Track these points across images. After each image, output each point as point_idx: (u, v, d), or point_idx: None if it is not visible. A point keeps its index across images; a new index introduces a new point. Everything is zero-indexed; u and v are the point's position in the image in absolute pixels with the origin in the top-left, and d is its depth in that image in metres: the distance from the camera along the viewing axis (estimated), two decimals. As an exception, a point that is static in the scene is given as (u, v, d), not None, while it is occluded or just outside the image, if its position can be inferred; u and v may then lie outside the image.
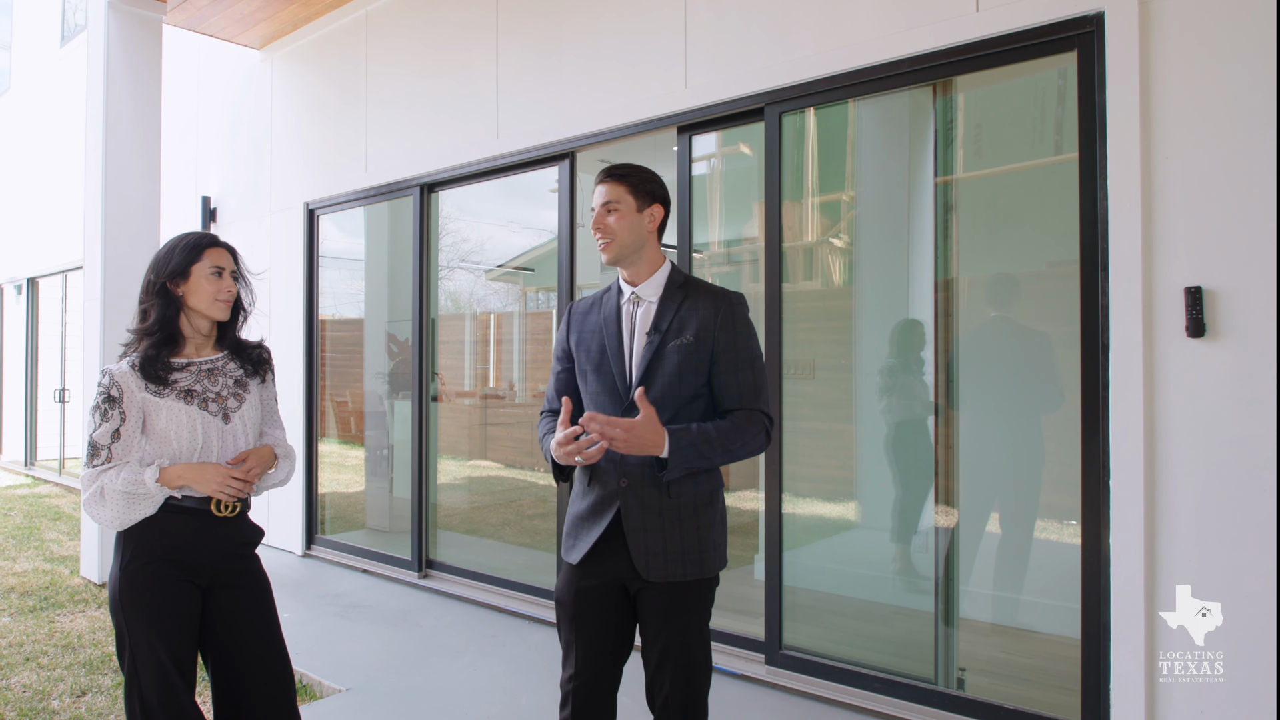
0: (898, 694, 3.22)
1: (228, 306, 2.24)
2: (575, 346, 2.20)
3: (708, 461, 1.98)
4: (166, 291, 2.18)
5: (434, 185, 5.18)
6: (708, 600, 2.10)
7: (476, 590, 4.82)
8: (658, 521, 2.02)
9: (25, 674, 3.74)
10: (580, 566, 2.10)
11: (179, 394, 2.14)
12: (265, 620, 2.25)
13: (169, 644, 2.09)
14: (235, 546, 2.23)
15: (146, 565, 2.10)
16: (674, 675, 2.02)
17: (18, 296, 10.75)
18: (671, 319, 2.06)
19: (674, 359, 2.03)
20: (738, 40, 3.67)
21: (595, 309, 2.20)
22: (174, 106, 7.11)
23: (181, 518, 2.14)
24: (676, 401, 2.03)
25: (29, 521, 7.35)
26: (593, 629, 2.08)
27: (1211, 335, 2.52)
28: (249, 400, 2.26)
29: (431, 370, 5.29)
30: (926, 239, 3.43)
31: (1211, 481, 2.53)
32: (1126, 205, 2.66)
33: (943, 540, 3.26)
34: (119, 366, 2.14)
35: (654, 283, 2.12)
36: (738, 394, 2.05)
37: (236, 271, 2.27)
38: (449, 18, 5.01)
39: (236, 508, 2.21)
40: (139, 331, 2.19)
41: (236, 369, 2.27)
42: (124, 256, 5.28)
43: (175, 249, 2.20)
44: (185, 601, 2.13)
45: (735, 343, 2.05)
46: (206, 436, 2.15)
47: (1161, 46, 2.62)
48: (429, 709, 3.34)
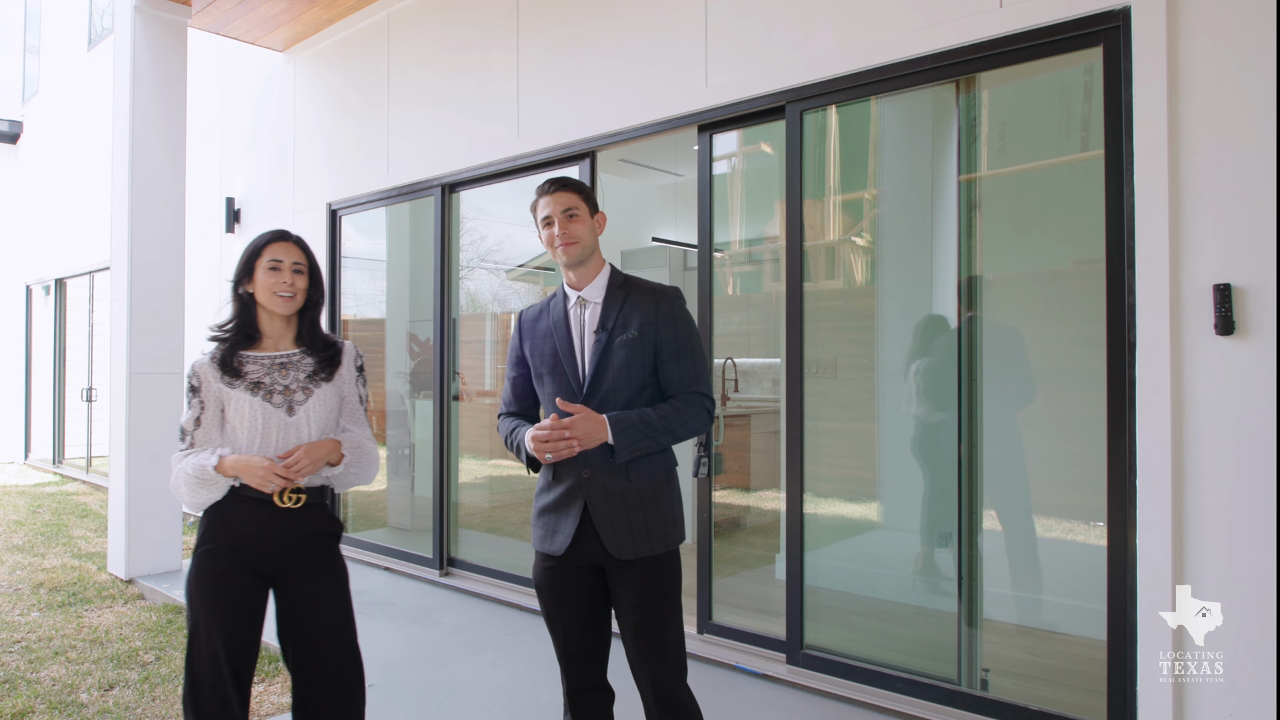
0: (920, 694, 3.20)
1: (288, 301, 2.29)
2: (530, 352, 2.34)
3: (654, 442, 2.16)
4: (240, 292, 2.31)
5: (455, 185, 5.21)
6: (675, 574, 2.25)
7: (497, 588, 4.84)
8: (621, 505, 2.17)
9: (54, 668, 3.80)
10: (561, 554, 2.23)
11: (248, 385, 2.24)
12: (336, 613, 2.29)
13: (222, 630, 2.16)
14: (305, 538, 2.27)
15: (211, 551, 2.20)
16: (651, 655, 2.17)
17: (46, 297, 10.91)
18: (616, 317, 2.23)
19: (621, 354, 2.20)
20: (758, 38, 3.66)
21: (544, 315, 2.35)
22: (199, 109, 7.18)
23: (247, 507, 2.22)
24: (627, 392, 2.20)
25: (57, 519, 7.46)
26: (575, 604, 2.24)
27: (1241, 333, 2.49)
28: (319, 395, 2.30)
29: (452, 370, 5.32)
30: (950, 238, 3.40)
31: (1241, 481, 2.49)
32: (1154, 201, 2.63)
33: (965, 540, 3.24)
34: (201, 358, 2.29)
35: (597, 285, 2.29)
36: (679, 379, 2.23)
37: (300, 264, 2.32)
38: (470, 18, 5.04)
39: (299, 500, 2.25)
40: (219, 328, 2.31)
41: (310, 364, 2.33)
42: (150, 257, 5.35)
43: (245, 250, 2.32)
44: (244, 591, 2.20)
45: (676, 334, 2.23)
46: (266, 428, 2.22)
47: (1189, 40, 2.59)
48: (451, 705, 3.36)
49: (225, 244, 7.08)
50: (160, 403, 5.37)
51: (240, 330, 2.29)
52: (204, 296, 7.21)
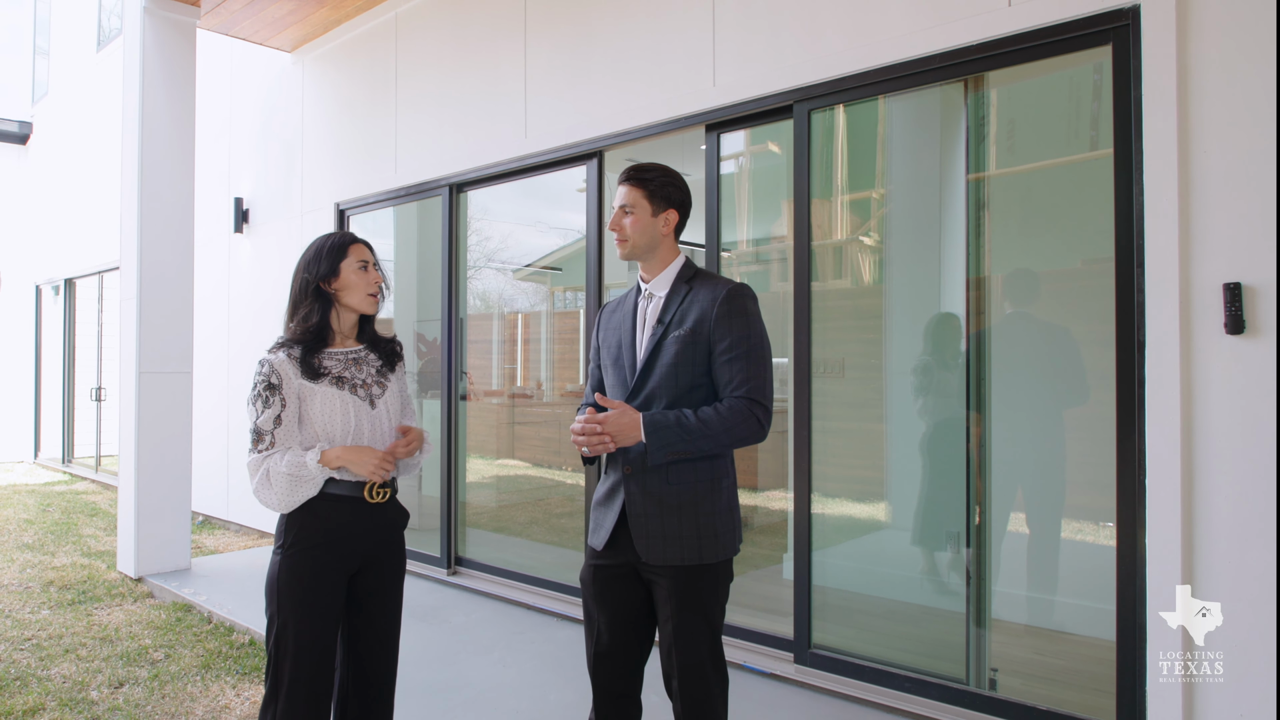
0: (928, 694, 3.19)
1: (377, 300, 2.36)
2: (601, 343, 2.32)
3: (691, 446, 2.04)
4: (320, 291, 2.30)
5: (463, 185, 5.22)
6: (714, 594, 2.13)
7: (505, 587, 4.85)
8: (657, 508, 2.09)
9: (65, 665, 3.82)
10: (600, 549, 2.20)
11: (331, 380, 2.26)
12: (392, 602, 2.39)
13: (313, 630, 2.19)
14: (386, 532, 2.36)
15: (305, 551, 2.21)
16: (681, 670, 2.08)
17: (55, 297, 10.97)
18: (674, 312, 2.15)
19: (672, 350, 2.11)
20: (766, 38, 3.66)
21: (620, 307, 2.31)
22: (207, 109, 7.22)
23: (337, 505, 2.25)
24: (672, 392, 2.11)
25: (67, 517, 7.49)
26: (612, 605, 2.18)
27: (1251, 332, 2.48)
28: (390, 388, 2.38)
29: (460, 369, 5.33)
30: (958, 237, 3.40)
31: (1252, 481, 2.48)
32: (1164, 200, 2.62)
33: (974, 540, 3.23)
34: (277, 355, 2.24)
35: (664, 278, 2.22)
36: (729, 384, 2.09)
37: (377, 263, 2.38)
38: (477, 19, 5.05)
39: (387, 494, 2.32)
40: (301, 330, 2.28)
41: (376, 360, 2.39)
42: (159, 257, 5.37)
43: (322, 250, 2.32)
44: (331, 591, 2.24)
45: (730, 333, 2.09)
46: (359, 420, 2.27)
47: (1199, 38, 2.58)
48: (459, 704, 3.37)
49: (233, 244, 7.11)
50: (169, 402, 5.39)
51: (321, 329, 2.30)
52: (212, 296, 7.24)
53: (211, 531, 6.94)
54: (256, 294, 6.81)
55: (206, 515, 7.33)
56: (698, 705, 2.09)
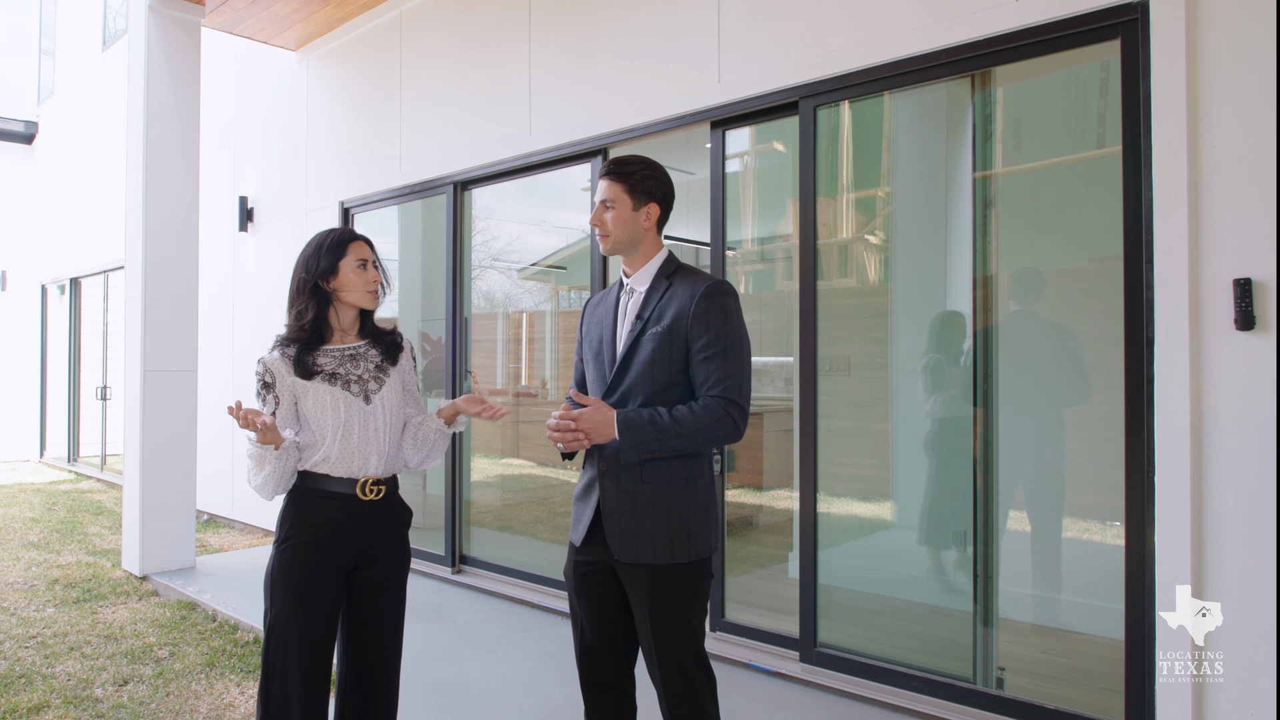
0: (935, 693, 3.18)
1: (376, 296, 2.38)
2: (584, 338, 2.32)
3: (664, 445, 2.02)
4: (318, 289, 2.32)
5: (467, 183, 5.21)
6: (691, 593, 2.10)
7: (509, 585, 4.84)
8: (631, 505, 2.08)
9: (70, 663, 3.82)
10: (579, 545, 2.20)
11: (324, 377, 2.29)
12: (394, 601, 2.40)
13: (304, 623, 2.22)
14: (385, 528, 2.37)
15: (298, 546, 2.25)
16: (663, 671, 2.08)
17: (60, 296, 10.99)
18: (654, 308, 2.13)
19: (649, 347, 2.09)
20: (771, 34, 3.65)
21: (603, 301, 2.31)
22: (212, 108, 7.22)
23: (330, 502, 2.28)
24: (649, 389, 2.09)
25: (72, 516, 7.50)
26: (593, 601, 2.19)
27: (1262, 328, 2.46)
28: (389, 384, 2.38)
29: (465, 368, 5.32)
30: (964, 235, 3.38)
31: (1263, 478, 2.46)
32: (1173, 196, 2.60)
33: (980, 539, 3.22)
34: (271, 354, 2.30)
35: (645, 272, 2.20)
36: (704, 382, 2.06)
37: (376, 262, 2.39)
38: (482, 16, 5.04)
39: (381, 491, 2.34)
40: (296, 329, 2.31)
41: (376, 354, 2.40)
42: (164, 255, 5.38)
43: (321, 248, 2.33)
44: (324, 586, 2.26)
45: (707, 331, 2.06)
46: (349, 415, 2.29)
47: (1208, 32, 2.56)
48: (463, 702, 3.36)
49: (238, 242, 7.11)
50: (174, 400, 5.40)
51: (317, 327, 2.32)
52: (217, 294, 7.25)
53: (216, 530, 6.94)
54: (261, 292, 6.81)
55: (211, 514, 7.33)
56: (683, 704, 2.08)
